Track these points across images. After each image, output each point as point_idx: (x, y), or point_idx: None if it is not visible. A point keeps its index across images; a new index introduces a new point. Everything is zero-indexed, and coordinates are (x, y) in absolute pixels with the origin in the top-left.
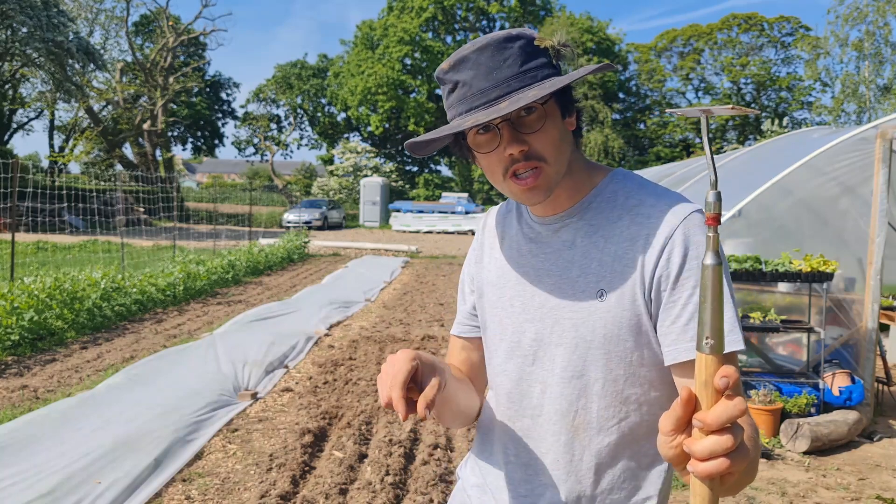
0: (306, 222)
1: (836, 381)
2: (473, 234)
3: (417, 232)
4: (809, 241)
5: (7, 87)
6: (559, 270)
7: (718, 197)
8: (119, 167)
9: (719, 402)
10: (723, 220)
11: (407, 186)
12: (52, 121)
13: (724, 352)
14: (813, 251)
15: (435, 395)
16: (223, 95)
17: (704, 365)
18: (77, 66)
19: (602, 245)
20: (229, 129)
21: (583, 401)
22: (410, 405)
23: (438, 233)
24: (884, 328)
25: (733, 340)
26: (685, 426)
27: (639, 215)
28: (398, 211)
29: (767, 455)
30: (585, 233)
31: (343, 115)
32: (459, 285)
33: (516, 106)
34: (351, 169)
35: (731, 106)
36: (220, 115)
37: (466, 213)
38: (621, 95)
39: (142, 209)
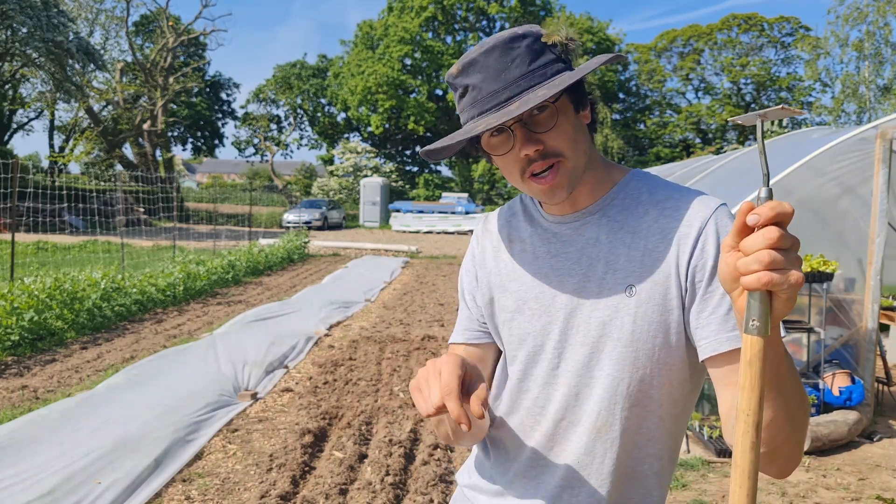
0: (306, 222)
1: (836, 382)
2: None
3: (417, 232)
4: (809, 242)
5: (7, 87)
6: (583, 269)
7: (770, 193)
8: (119, 167)
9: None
10: None
11: (407, 186)
12: (52, 121)
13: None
14: (813, 251)
15: (486, 396)
16: (223, 95)
17: (749, 345)
18: (77, 66)
19: (629, 240)
20: (229, 129)
21: (607, 402)
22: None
23: (438, 233)
24: (884, 328)
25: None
26: (744, 236)
27: (667, 209)
28: (398, 211)
29: None
30: (610, 229)
31: (343, 115)
32: (460, 293)
33: (526, 107)
34: (351, 169)
35: (781, 107)
36: (220, 116)
37: (466, 213)
38: (621, 96)
39: (142, 209)
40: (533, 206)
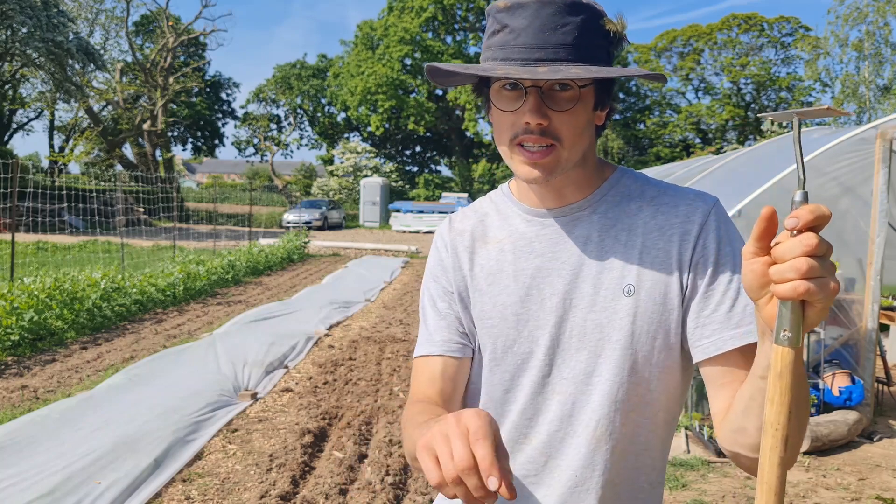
0: (306, 222)
1: (836, 382)
2: None
3: (417, 232)
4: None
5: (7, 87)
6: (573, 269)
7: (805, 197)
8: (119, 167)
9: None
10: None
11: (407, 186)
12: (52, 121)
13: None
14: None
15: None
16: (223, 95)
17: (780, 357)
18: (77, 66)
19: (625, 238)
20: (229, 129)
21: (606, 409)
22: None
23: None
24: (884, 328)
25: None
26: (768, 246)
27: (663, 205)
28: (398, 211)
29: None
30: (601, 226)
31: (343, 115)
32: (423, 299)
33: (554, 77)
34: (351, 169)
35: (826, 107)
36: (220, 116)
37: None
38: (621, 95)
39: (142, 209)
40: (507, 203)
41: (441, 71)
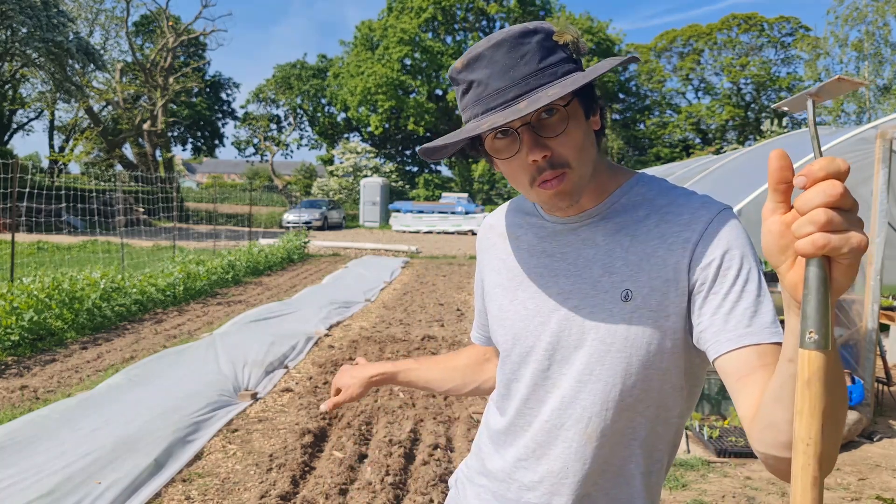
0: (306, 222)
1: None
2: (474, 234)
3: (417, 232)
4: None
5: (7, 87)
6: (578, 270)
7: None
8: (119, 167)
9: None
10: None
11: (407, 186)
12: (52, 121)
13: (773, 341)
14: None
15: (341, 401)
16: (223, 95)
17: (807, 362)
18: (77, 66)
19: (627, 244)
20: (229, 129)
21: (597, 407)
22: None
23: (438, 233)
24: (884, 328)
25: (777, 332)
26: (787, 200)
27: (669, 213)
28: (398, 211)
29: None
30: (608, 231)
31: (343, 115)
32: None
33: (536, 106)
34: (351, 169)
35: (837, 77)
36: (220, 116)
37: (466, 213)
38: (621, 96)
39: (141, 209)
40: (531, 206)
41: (433, 149)
